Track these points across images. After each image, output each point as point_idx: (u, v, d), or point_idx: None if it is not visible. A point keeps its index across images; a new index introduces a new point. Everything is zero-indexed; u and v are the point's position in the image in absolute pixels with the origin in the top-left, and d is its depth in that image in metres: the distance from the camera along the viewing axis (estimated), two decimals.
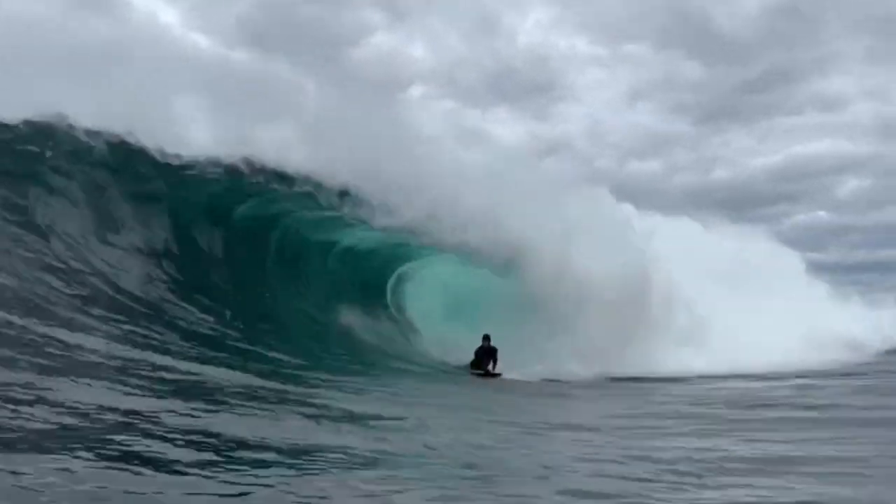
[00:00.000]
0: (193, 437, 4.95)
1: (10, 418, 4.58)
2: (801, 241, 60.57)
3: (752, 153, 63.58)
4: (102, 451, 4.26)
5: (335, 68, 17.01)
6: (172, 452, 4.49)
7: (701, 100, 68.14)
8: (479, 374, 14.30)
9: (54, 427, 4.64)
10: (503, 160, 16.46)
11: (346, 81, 16.32)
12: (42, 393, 5.30)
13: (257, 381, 7.94)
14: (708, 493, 4.61)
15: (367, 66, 18.05)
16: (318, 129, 14.58)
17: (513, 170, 16.12)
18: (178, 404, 5.92)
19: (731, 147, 63.94)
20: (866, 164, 61.84)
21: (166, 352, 8.38)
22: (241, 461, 4.55)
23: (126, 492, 3.67)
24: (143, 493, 3.67)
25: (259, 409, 6.43)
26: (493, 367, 14.43)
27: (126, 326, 8.90)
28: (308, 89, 15.54)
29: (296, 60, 17.10)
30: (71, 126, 12.17)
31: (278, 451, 4.95)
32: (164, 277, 11.60)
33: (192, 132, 13.20)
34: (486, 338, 14.53)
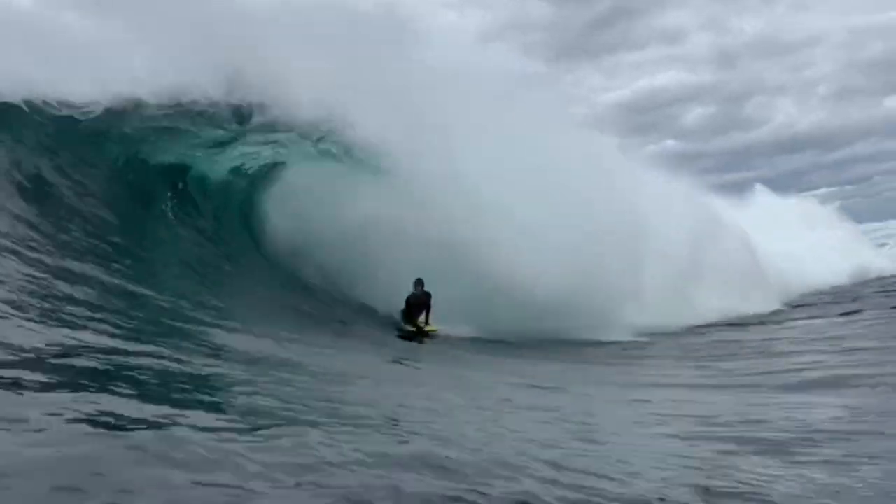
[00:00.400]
0: None
1: None
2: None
3: (602, 89, 65.64)
4: None
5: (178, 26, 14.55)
6: None
7: (551, 39, 69.00)
8: (409, 332, 12.13)
9: None
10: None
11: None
12: None
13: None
14: None
15: (214, 20, 15.72)
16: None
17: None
18: None
19: (584, 85, 65.67)
20: (708, 93, 65.50)
21: None
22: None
23: None
24: None
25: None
26: (427, 319, 12.32)
27: None
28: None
29: (131, 20, 14.66)
30: None
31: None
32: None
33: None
34: (419, 283, 12.18)
